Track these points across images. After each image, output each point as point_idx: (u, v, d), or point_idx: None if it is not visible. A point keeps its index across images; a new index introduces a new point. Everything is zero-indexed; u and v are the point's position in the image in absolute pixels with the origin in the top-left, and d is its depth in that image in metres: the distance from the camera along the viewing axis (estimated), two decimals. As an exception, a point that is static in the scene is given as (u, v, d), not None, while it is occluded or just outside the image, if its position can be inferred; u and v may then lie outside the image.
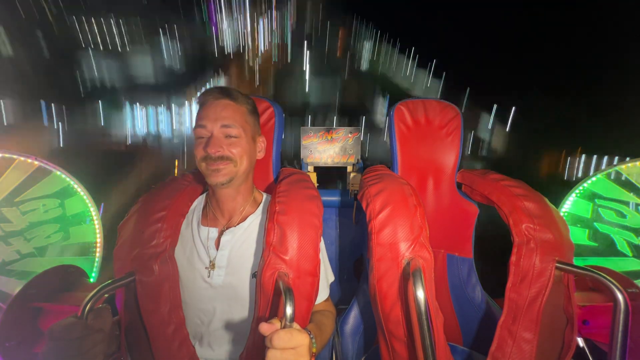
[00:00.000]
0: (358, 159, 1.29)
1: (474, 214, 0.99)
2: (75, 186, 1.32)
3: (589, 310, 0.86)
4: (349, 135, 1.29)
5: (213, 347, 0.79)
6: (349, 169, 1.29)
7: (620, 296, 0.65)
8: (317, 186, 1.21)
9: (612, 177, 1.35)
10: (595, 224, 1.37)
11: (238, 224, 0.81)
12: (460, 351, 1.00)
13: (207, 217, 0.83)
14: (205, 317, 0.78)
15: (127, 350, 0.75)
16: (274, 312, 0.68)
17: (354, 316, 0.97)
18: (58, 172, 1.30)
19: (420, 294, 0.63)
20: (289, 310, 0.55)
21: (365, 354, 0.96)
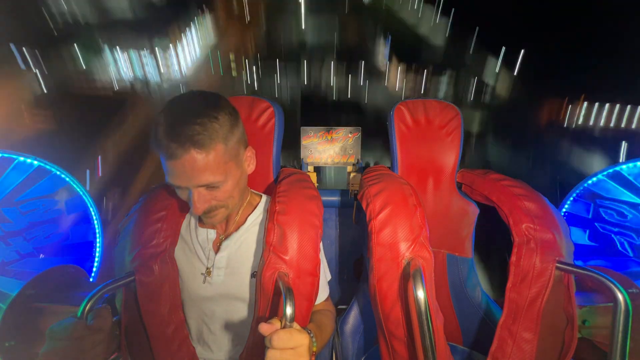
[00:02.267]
0: (358, 159, 1.29)
1: (474, 214, 0.99)
2: (75, 186, 1.32)
3: (589, 310, 0.86)
4: (349, 135, 1.29)
5: (213, 347, 0.79)
6: (349, 169, 1.29)
7: (620, 296, 0.65)
8: (317, 186, 1.21)
9: (612, 177, 1.35)
10: (595, 224, 1.37)
11: (237, 228, 0.80)
12: (460, 351, 1.00)
13: None
14: (205, 317, 0.78)
15: (127, 350, 0.75)
16: (274, 312, 0.68)
17: (354, 316, 0.97)
18: (58, 172, 1.30)
19: (420, 294, 0.63)
20: (289, 310, 0.55)
21: (365, 354, 0.96)
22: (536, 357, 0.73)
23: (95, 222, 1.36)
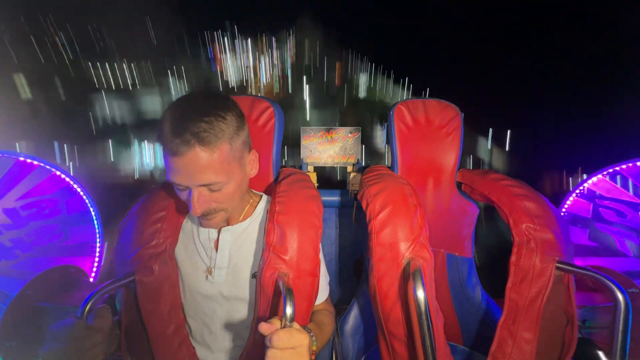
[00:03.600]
0: (358, 159, 1.29)
1: (474, 213, 0.99)
2: (75, 186, 1.32)
3: (589, 310, 0.86)
4: (349, 135, 1.29)
5: (213, 347, 0.79)
6: (349, 169, 1.29)
7: (620, 296, 0.65)
8: (317, 186, 1.21)
9: (612, 177, 1.35)
10: (595, 224, 1.37)
11: (236, 223, 0.80)
12: (460, 351, 1.00)
13: None
14: (206, 317, 0.78)
15: (127, 350, 0.75)
16: (274, 312, 0.68)
17: (354, 316, 0.97)
18: (58, 172, 1.30)
19: (420, 294, 0.63)
20: (289, 310, 0.55)
21: (365, 354, 0.96)
22: (536, 357, 0.73)
23: (95, 222, 1.36)
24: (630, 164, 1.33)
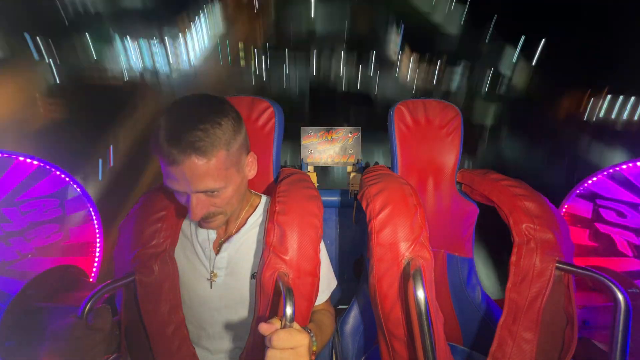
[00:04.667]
0: (358, 159, 1.29)
1: (474, 213, 0.99)
2: (75, 186, 1.32)
3: (589, 310, 0.86)
4: (349, 135, 1.29)
5: (213, 348, 0.79)
6: (349, 169, 1.29)
7: (620, 296, 0.65)
8: (317, 186, 1.21)
9: (612, 177, 1.35)
10: (595, 224, 1.37)
11: (237, 230, 0.80)
12: (460, 351, 1.00)
13: None
14: (205, 318, 0.78)
15: (127, 350, 0.75)
16: (274, 312, 0.68)
17: (354, 316, 0.97)
18: (58, 172, 1.30)
19: (420, 294, 0.63)
20: (288, 310, 0.55)
21: (365, 354, 0.96)
22: (536, 357, 0.73)
23: (95, 222, 1.36)
24: (630, 164, 1.33)
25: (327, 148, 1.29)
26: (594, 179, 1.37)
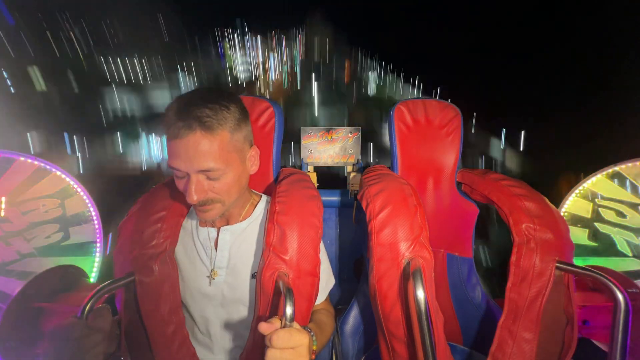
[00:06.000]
0: (358, 159, 1.29)
1: (474, 213, 0.99)
2: (75, 186, 1.32)
3: (589, 310, 0.86)
4: (349, 135, 1.29)
5: (213, 348, 0.79)
6: (349, 169, 1.29)
7: (620, 296, 0.65)
8: (317, 186, 1.21)
9: (612, 177, 1.35)
10: (595, 224, 1.37)
11: (235, 223, 0.80)
12: (460, 351, 1.00)
13: None
14: (205, 317, 0.78)
15: (127, 350, 0.75)
16: (274, 312, 0.68)
17: (354, 316, 0.97)
18: (58, 172, 1.30)
19: (420, 294, 0.63)
20: (288, 310, 0.55)
21: (365, 354, 0.96)
22: (536, 357, 0.73)
23: (95, 222, 1.36)
24: (630, 164, 1.33)
25: (327, 148, 1.29)
26: (594, 179, 1.37)
